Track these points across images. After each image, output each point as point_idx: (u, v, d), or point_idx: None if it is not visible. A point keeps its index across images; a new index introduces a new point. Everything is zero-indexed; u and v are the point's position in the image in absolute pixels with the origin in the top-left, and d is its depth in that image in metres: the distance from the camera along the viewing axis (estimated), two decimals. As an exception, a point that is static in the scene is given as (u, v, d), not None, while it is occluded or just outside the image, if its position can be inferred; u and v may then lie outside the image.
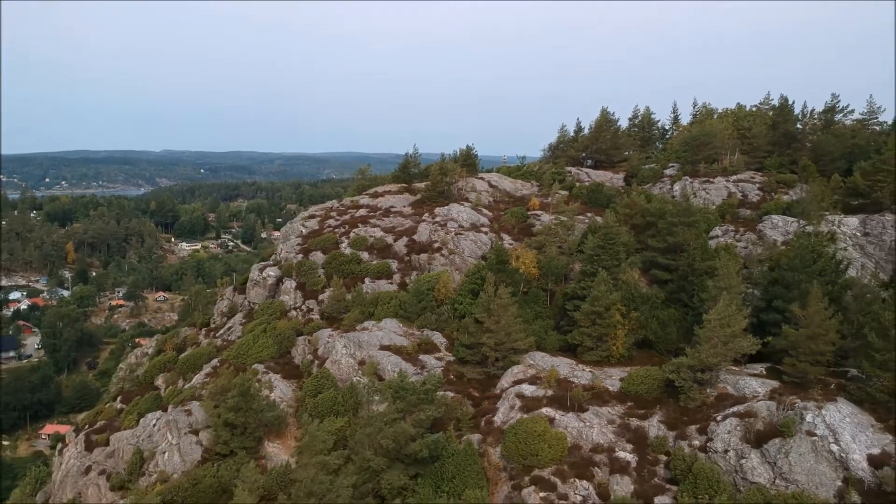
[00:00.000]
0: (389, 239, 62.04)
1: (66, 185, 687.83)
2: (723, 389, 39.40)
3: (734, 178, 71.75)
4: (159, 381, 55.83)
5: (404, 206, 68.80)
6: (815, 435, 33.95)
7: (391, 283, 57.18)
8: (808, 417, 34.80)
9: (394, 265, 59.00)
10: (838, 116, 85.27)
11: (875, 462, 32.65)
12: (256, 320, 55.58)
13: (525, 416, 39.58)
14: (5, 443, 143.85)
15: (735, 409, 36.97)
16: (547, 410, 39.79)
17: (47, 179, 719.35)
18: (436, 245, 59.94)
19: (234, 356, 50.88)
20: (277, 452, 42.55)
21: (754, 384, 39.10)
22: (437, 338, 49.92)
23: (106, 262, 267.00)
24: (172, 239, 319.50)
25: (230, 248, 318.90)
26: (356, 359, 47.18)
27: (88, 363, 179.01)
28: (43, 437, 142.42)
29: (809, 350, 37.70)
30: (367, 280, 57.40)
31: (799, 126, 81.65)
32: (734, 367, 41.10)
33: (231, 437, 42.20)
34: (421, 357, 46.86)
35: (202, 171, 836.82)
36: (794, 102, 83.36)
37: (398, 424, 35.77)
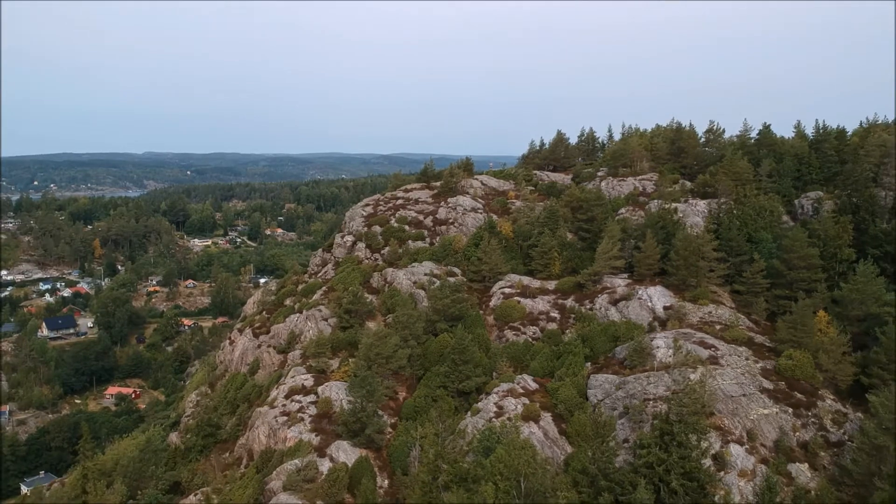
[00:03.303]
0: (421, 217, 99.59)
1: (56, 188, 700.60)
2: (605, 284, 77.52)
3: (640, 177, 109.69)
4: (287, 302, 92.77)
5: (427, 198, 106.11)
6: (641, 298, 72.31)
7: (425, 243, 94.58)
8: (639, 292, 73.06)
9: (425, 233, 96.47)
10: (730, 135, 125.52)
11: (666, 308, 70.95)
12: (344, 265, 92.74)
13: (505, 300, 77.42)
14: (77, 401, 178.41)
15: (608, 292, 75.31)
16: (517, 298, 77.56)
17: (36, 183, 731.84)
18: (450, 220, 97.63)
19: (337, 282, 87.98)
20: (374, 326, 79.72)
21: (620, 281, 77.24)
22: (456, 270, 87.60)
23: (132, 257, 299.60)
24: (184, 236, 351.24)
25: (238, 244, 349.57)
26: (411, 281, 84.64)
27: (138, 338, 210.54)
28: (108, 396, 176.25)
29: (645, 264, 76.04)
30: (409, 242, 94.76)
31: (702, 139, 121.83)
32: (612, 274, 79.34)
33: (349, 318, 79.36)
34: (448, 279, 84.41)
35: (189, 172, 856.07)
36: (689, 124, 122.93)
37: (444, 300, 73.44)
